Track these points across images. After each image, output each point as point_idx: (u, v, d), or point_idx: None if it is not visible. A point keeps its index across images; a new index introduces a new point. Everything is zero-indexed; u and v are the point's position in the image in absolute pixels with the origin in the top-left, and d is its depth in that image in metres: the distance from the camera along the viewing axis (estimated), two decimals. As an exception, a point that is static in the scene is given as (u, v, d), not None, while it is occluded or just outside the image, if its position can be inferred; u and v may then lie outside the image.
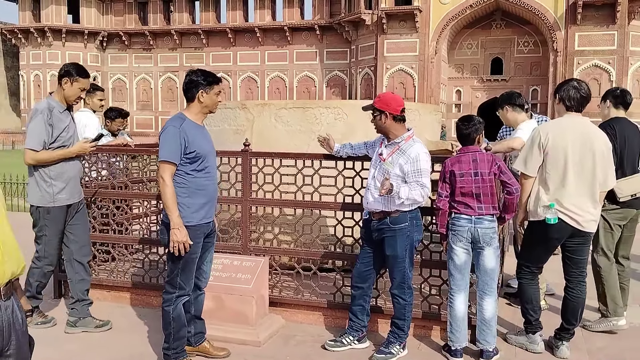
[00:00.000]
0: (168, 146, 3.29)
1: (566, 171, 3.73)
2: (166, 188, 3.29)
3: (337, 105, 4.74)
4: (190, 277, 3.49)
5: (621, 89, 4.53)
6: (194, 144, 3.33)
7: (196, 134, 3.38)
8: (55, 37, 31.23)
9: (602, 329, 4.32)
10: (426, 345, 4.01)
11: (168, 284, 3.47)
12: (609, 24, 21.01)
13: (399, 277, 3.71)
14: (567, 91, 3.86)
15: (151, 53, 31.72)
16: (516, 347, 3.97)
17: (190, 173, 3.36)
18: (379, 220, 3.70)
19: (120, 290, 4.86)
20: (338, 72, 27.67)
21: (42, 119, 3.95)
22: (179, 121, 3.36)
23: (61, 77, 4.08)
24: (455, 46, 25.19)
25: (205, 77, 3.41)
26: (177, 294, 3.44)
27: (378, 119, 3.70)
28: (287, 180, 4.32)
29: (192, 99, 3.43)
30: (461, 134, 3.81)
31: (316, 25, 27.36)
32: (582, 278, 3.91)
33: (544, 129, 3.85)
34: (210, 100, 3.43)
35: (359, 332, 3.92)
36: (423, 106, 5.62)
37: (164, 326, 3.49)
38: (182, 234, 3.28)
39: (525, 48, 24.20)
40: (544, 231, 3.81)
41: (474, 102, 25.21)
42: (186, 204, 3.35)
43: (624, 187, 4.21)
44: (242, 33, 29.49)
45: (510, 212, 3.80)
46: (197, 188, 3.40)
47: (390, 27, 23.49)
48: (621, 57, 20.97)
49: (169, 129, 3.33)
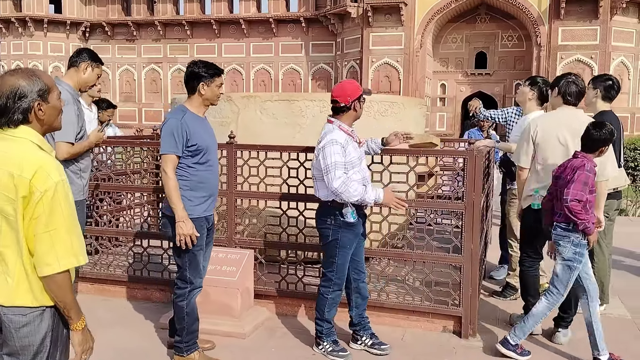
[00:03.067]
0: (170, 139, 3.26)
1: (553, 161, 3.88)
2: (169, 181, 3.25)
3: (323, 98, 4.74)
4: (199, 270, 3.47)
5: (612, 80, 4.53)
6: (195, 136, 3.30)
7: (197, 127, 3.34)
8: (37, 27, 30.71)
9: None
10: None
11: (179, 280, 3.45)
12: (592, 19, 21.21)
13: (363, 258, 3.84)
14: (567, 86, 3.99)
15: (134, 44, 31.35)
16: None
17: (192, 166, 3.33)
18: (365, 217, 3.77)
19: (103, 283, 4.83)
20: (324, 65, 27.61)
21: (73, 110, 3.76)
22: (180, 114, 3.32)
23: (79, 62, 3.89)
24: (440, 40, 25.27)
25: (207, 69, 3.36)
26: (190, 289, 3.43)
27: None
28: (272, 173, 4.32)
29: (192, 91, 3.38)
30: (591, 139, 3.56)
31: (302, 18, 27.25)
32: None
33: (534, 122, 4.05)
34: (212, 93, 3.39)
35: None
36: (408, 100, 5.64)
37: (178, 321, 3.47)
38: (188, 227, 3.25)
39: (509, 42, 24.35)
40: (530, 216, 4.01)
41: (458, 96, 25.34)
42: (188, 197, 3.33)
43: (609, 180, 4.29)
44: (227, 24, 29.26)
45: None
46: (199, 181, 3.37)
47: (375, 20, 23.48)
48: (603, 52, 21.19)
49: (170, 122, 3.29)
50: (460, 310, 3.99)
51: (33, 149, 1.91)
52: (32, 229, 1.84)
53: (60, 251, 1.85)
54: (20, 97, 1.91)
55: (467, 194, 3.93)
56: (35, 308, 1.91)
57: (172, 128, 3.27)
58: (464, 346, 3.90)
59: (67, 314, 1.95)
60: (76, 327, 1.97)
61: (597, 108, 4.53)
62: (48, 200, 1.83)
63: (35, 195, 1.82)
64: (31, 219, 1.84)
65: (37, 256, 1.85)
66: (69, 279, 1.91)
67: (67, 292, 1.91)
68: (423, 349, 3.85)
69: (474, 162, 3.89)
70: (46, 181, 1.83)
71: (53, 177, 1.85)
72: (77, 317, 1.96)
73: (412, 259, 4.14)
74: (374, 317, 4.13)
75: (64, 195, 1.87)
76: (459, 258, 4.00)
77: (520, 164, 4.09)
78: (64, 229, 1.86)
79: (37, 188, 1.82)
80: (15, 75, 1.93)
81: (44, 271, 1.85)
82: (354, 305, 3.82)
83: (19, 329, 1.90)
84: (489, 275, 5.55)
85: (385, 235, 4.21)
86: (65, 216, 1.87)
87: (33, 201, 1.83)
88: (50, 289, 1.89)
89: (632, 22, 21.67)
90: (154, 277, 4.70)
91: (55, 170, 1.87)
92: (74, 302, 1.94)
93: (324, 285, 3.68)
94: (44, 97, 1.95)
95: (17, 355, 1.92)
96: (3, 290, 1.89)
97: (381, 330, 4.00)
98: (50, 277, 1.86)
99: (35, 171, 1.83)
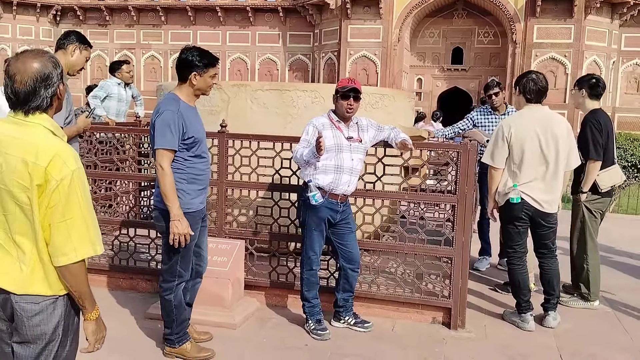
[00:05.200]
0: (166, 132, 3.10)
1: (530, 159, 4.00)
2: (166, 177, 3.12)
3: (315, 89, 4.73)
4: (189, 263, 3.41)
5: (596, 79, 4.64)
6: (191, 128, 3.18)
7: (192, 118, 3.22)
8: (5, 10, 29.77)
9: (579, 306, 4.67)
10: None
11: (167, 273, 3.35)
12: (567, 18, 21.53)
13: (358, 251, 3.93)
14: (526, 84, 4.11)
15: (107, 29, 30.64)
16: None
17: (188, 159, 3.22)
18: (344, 203, 3.83)
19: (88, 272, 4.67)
20: (301, 56, 27.44)
21: None
22: (175, 104, 3.17)
23: (67, 44, 3.77)
24: (418, 34, 25.36)
25: (201, 58, 3.20)
26: (177, 282, 3.36)
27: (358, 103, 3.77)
28: (264, 163, 4.29)
29: (184, 80, 3.23)
30: None
31: (279, 7, 26.99)
32: (552, 254, 4.24)
33: (506, 122, 4.14)
34: (204, 84, 3.25)
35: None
36: (397, 92, 5.67)
37: (166, 314, 3.41)
38: (183, 226, 3.14)
39: (486, 39, 24.58)
40: (509, 210, 4.11)
41: (434, 91, 25.51)
42: (185, 190, 3.23)
43: (605, 178, 4.52)
44: (203, 12, 28.80)
45: None
46: (195, 174, 3.27)
47: (354, 12, 23.43)
48: (577, 51, 21.56)
49: (167, 114, 3.12)
50: (450, 302, 4.04)
51: (47, 135, 1.85)
52: (48, 218, 1.80)
53: (76, 240, 1.82)
54: (51, 82, 1.86)
55: (460, 187, 3.97)
56: (49, 297, 1.87)
57: (169, 121, 3.11)
58: (454, 337, 3.95)
59: (82, 304, 1.92)
60: (90, 317, 1.94)
61: (587, 108, 4.64)
62: (65, 189, 1.78)
63: (51, 184, 1.77)
64: (47, 208, 1.79)
65: (54, 246, 1.81)
66: (84, 269, 1.88)
67: (83, 282, 1.88)
68: (413, 339, 3.89)
69: (467, 156, 3.92)
70: (62, 169, 1.78)
71: (70, 165, 1.80)
72: (91, 307, 1.94)
73: (403, 251, 4.17)
74: (364, 309, 4.17)
75: (80, 184, 1.83)
76: (450, 250, 4.05)
77: (495, 165, 4.12)
78: (80, 218, 1.82)
79: (53, 176, 1.77)
80: (39, 58, 1.87)
81: (61, 261, 1.82)
82: (341, 289, 3.98)
83: (31, 317, 1.85)
84: (473, 267, 5.63)
85: (377, 227, 4.22)
86: (82, 205, 1.83)
87: (49, 190, 1.78)
88: (66, 279, 1.85)
89: (605, 21, 22.10)
90: (140, 267, 4.63)
91: (72, 158, 1.82)
92: (88, 292, 1.92)
93: (301, 265, 3.91)
94: (62, 81, 1.91)
95: (29, 344, 1.88)
96: (16, 278, 1.84)
97: (372, 321, 4.03)
98: (66, 266, 1.82)
99: (51, 159, 1.78)
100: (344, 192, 3.78)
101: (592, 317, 4.50)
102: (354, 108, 3.75)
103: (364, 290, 4.16)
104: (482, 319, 4.31)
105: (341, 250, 3.89)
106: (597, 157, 4.44)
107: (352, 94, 3.70)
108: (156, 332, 3.83)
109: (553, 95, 19.14)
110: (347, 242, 3.87)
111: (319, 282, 3.99)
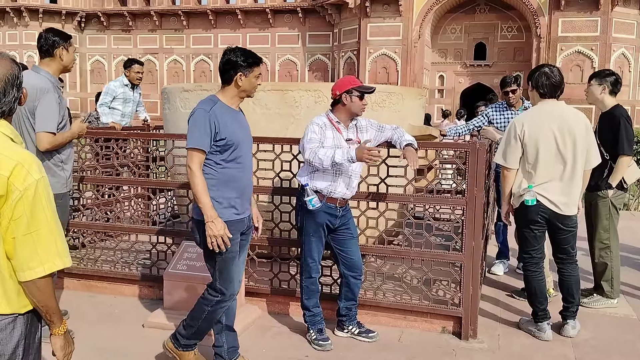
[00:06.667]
0: (196, 132, 2.92)
1: (546, 158, 3.77)
2: (195, 179, 2.92)
3: (318, 88, 4.56)
4: (230, 279, 3.10)
5: (616, 75, 4.51)
6: (225, 130, 2.95)
7: (228, 119, 3.00)
8: (32, 17, 30.36)
9: (601, 306, 4.52)
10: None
11: (210, 288, 3.13)
12: (593, 10, 20.93)
13: (360, 257, 3.76)
14: (538, 78, 3.88)
15: (130, 34, 31.01)
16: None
17: (219, 163, 2.99)
18: (343, 207, 3.67)
19: (90, 279, 4.65)
20: (320, 56, 27.30)
21: (54, 98, 3.53)
22: (209, 104, 2.98)
23: (54, 47, 3.63)
24: (439, 31, 24.98)
25: (246, 58, 3.01)
26: (219, 299, 3.10)
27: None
28: (264, 166, 4.14)
29: (228, 82, 3.04)
30: None
31: (299, 8, 26.91)
32: (572, 259, 4.00)
33: (519, 120, 3.89)
34: (250, 84, 3.06)
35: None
36: (407, 90, 5.44)
37: (191, 318, 3.17)
38: (218, 227, 2.90)
39: (509, 33, 24.08)
40: (524, 213, 3.88)
41: (457, 88, 25.10)
42: (215, 198, 2.97)
43: (631, 173, 4.46)
44: (223, 15, 28.92)
45: None
46: (227, 180, 3.01)
47: (373, 10, 23.17)
48: (604, 44, 20.94)
49: (198, 113, 2.96)
50: (461, 310, 3.82)
51: (7, 142, 1.73)
52: (11, 231, 1.68)
53: (43, 254, 1.71)
54: (19, 84, 1.77)
55: (469, 189, 3.76)
56: (8, 315, 1.75)
57: (199, 120, 2.93)
58: (464, 348, 3.73)
59: (50, 319, 1.81)
60: (58, 332, 1.84)
61: (607, 104, 4.46)
62: (29, 200, 1.67)
63: (14, 195, 1.66)
64: (10, 221, 1.67)
65: (18, 260, 1.70)
66: (51, 283, 1.76)
67: (50, 296, 1.77)
68: (421, 350, 3.69)
69: (477, 156, 3.71)
70: (26, 178, 1.67)
71: (33, 175, 1.69)
72: (59, 322, 1.84)
73: (410, 257, 3.97)
74: (369, 317, 3.99)
75: (45, 194, 1.71)
76: (459, 256, 3.83)
77: (508, 165, 3.89)
78: (47, 230, 1.71)
79: (16, 187, 1.66)
80: (3, 60, 1.76)
81: (27, 275, 1.70)
82: (343, 297, 3.80)
83: None
84: (489, 271, 5.39)
85: (381, 232, 4.03)
86: (48, 216, 1.71)
87: (12, 201, 1.66)
88: (32, 294, 1.74)
89: (633, 13, 21.41)
90: (142, 273, 4.52)
91: (35, 166, 1.71)
92: (56, 306, 1.81)
93: (300, 273, 3.75)
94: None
95: None
96: None
97: (377, 331, 3.85)
98: (32, 281, 1.71)
99: (14, 167, 1.66)
100: (343, 195, 3.60)
101: (614, 325, 4.23)
102: (365, 107, 3.63)
103: (369, 297, 3.98)
104: (495, 328, 4.08)
105: (342, 257, 3.71)
106: (630, 152, 4.34)
107: (367, 93, 3.60)
108: (154, 341, 3.71)
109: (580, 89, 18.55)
110: (348, 249, 3.69)
111: (319, 290, 3.81)
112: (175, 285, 4.02)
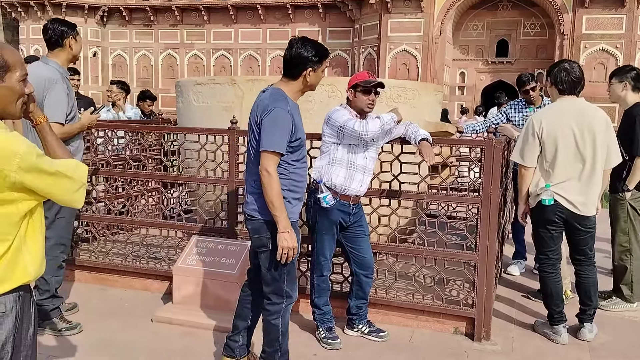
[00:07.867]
0: (277, 134, 2.72)
1: (564, 156, 3.66)
2: (273, 183, 2.74)
3: (332, 82, 4.49)
4: (296, 281, 3.01)
5: (636, 70, 4.35)
6: (299, 130, 2.84)
7: (298, 118, 2.86)
8: (55, 11, 30.70)
9: (619, 309, 4.41)
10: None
11: (273, 294, 2.94)
12: (618, 7, 20.48)
13: (372, 255, 3.69)
14: (557, 74, 3.76)
15: (152, 29, 31.21)
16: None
17: (292, 163, 2.85)
18: (356, 204, 3.60)
19: (101, 272, 4.65)
20: (340, 52, 27.17)
21: (62, 89, 3.51)
22: (284, 102, 2.78)
23: (63, 37, 3.61)
24: (461, 27, 24.70)
25: (316, 52, 2.83)
26: (286, 304, 2.97)
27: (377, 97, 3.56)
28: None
29: (296, 76, 2.86)
30: None
31: (319, 4, 26.81)
32: (589, 261, 3.88)
33: (537, 117, 3.78)
34: (316, 79, 2.90)
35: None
36: (423, 85, 5.35)
37: (269, 342, 3.01)
38: (292, 239, 2.77)
39: (532, 30, 23.70)
40: (541, 213, 3.77)
41: (478, 85, 24.81)
42: (287, 198, 2.84)
43: None
44: (244, 10, 28.95)
45: None
46: (297, 180, 2.90)
47: (394, 6, 22.98)
48: (629, 42, 20.49)
49: (279, 112, 2.73)
50: (474, 311, 3.73)
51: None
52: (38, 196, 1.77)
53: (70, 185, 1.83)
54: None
55: (484, 187, 3.66)
56: None
57: (280, 121, 2.73)
58: (477, 350, 3.64)
59: None
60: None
61: (629, 101, 4.32)
62: (28, 167, 1.69)
63: (10, 177, 1.67)
64: (29, 193, 1.75)
65: (61, 197, 1.82)
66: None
67: None
68: (432, 351, 3.61)
69: (492, 153, 3.61)
70: (13, 159, 1.67)
71: (18, 151, 1.68)
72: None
73: (422, 256, 3.88)
74: (380, 316, 3.92)
75: (36, 156, 1.72)
76: (473, 255, 3.74)
77: (526, 164, 3.77)
78: (58, 177, 1.79)
79: (9, 170, 1.67)
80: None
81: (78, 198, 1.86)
82: (354, 296, 3.74)
83: None
84: (506, 271, 5.28)
85: (394, 230, 3.95)
86: (52, 170, 1.77)
87: (9, 181, 1.68)
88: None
89: (660, 10, 20.94)
90: (153, 267, 4.51)
91: (16, 144, 1.69)
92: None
93: (311, 270, 3.67)
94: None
95: None
96: None
97: (388, 330, 3.77)
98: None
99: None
100: (357, 192, 3.53)
101: (632, 328, 4.10)
102: (374, 104, 3.51)
103: (380, 296, 3.91)
104: (510, 330, 3.98)
105: (353, 255, 3.65)
106: None
107: (374, 89, 3.46)
108: (163, 336, 3.70)
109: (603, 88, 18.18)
110: (360, 247, 3.63)
111: (330, 288, 3.75)
112: (184, 280, 4.00)
